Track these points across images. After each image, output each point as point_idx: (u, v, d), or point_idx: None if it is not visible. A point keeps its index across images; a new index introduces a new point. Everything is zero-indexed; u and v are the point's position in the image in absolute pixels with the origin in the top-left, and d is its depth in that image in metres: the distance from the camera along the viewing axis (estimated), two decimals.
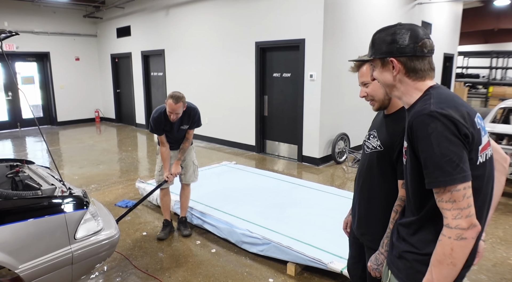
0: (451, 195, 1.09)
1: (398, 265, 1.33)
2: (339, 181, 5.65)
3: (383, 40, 1.28)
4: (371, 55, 1.35)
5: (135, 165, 6.62)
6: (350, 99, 6.85)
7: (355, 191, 1.83)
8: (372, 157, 1.68)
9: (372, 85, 1.64)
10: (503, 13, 13.40)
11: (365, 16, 6.85)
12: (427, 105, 1.16)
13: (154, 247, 3.52)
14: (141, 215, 4.28)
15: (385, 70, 1.30)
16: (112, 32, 10.79)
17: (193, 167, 3.78)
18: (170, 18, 8.74)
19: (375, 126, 1.76)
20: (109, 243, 2.38)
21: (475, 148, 1.14)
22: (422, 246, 1.25)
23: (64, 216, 2.16)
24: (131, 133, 9.80)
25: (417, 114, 1.16)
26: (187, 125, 3.58)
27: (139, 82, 10.20)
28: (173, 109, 3.34)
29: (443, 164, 1.09)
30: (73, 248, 2.19)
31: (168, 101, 3.34)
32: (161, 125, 3.53)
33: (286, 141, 6.95)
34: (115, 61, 11.13)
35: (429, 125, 1.11)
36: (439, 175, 1.10)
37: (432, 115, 1.12)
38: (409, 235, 1.30)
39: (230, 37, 7.38)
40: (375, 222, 1.68)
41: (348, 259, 2.06)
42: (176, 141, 3.69)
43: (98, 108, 11.85)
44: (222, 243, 3.56)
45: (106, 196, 4.94)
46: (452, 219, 1.10)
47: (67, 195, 2.32)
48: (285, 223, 3.56)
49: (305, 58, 6.19)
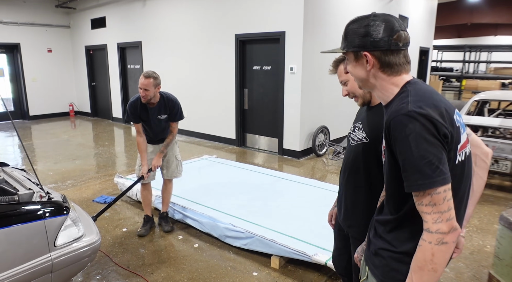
0: (431, 198, 1.05)
1: (374, 261, 1.31)
2: (320, 174, 5.69)
3: (356, 32, 1.20)
4: (343, 48, 1.26)
5: (113, 159, 6.46)
6: (330, 92, 6.89)
7: (341, 183, 1.83)
8: (358, 149, 1.68)
9: (350, 82, 1.67)
10: (476, 8, 13.78)
11: (344, 9, 6.87)
12: (404, 104, 1.09)
13: (135, 243, 3.44)
14: (120, 211, 4.18)
15: (359, 64, 1.22)
16: (86, 23, 10.44)
17: (176, 162, 3.67)
18: (147, 10, 8.52)
19: (360, 118, 1.76)
20: (90, 249, 2.30)
21: (454, 147, 1.10)
22: (398, 244, 1.22)
23: (44, 222, 2.06)
24: (107, 128, 9.56)
25: (394, 114, 1.10)
26: (165, 116, 3.45)
27: (116, 75, 9.93)
28: (142, 85, 3.19)
29: (422, 167, 1.04)
30: (53, 255, 2.10)
31: (140, 78, 3.25)
32: (137, 112, 3.39)
33: (267, 134, 6.94)
34: (89, 53, 10.80)
35: (407, 127, 1.05)
36: (418, 178, 1.05)
37: (410, 116, 1.05)
38: (385, 232, 1.27)
39: (209, 29, 7.27)
40: (362, 213, 1.69)
41: (333, 251, 2.07)
42: (155, 133, 3.55)
43: (73, 102, 11.49)
44: (204, 238, 3.52)
45: (83, 192, 4.80)
46: (433, 223, 1.05)
47: (46, 200, 2.21)
48: (268, 216, 3.55)
49: (285, 51, 6.17)
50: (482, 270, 3.02)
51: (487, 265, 3.08)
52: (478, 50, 15.91)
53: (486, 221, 3.94)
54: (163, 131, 3.56)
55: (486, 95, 5.50)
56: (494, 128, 5.24)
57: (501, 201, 4.52)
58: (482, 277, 2.92)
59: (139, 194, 4.23)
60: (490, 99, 5.73)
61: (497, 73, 14.65)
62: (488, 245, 3.43)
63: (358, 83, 1.30)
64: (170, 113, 3.48)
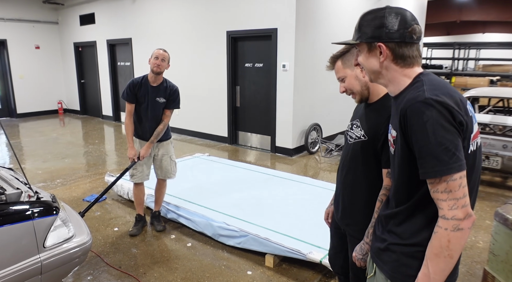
0: (447, 184, 1.05)
1: (383, 257, 1.30)
2: (313, 171, 5.68)
3: (371, 24, 1.20)
4: (357, 39, 1.25)
5: (103, 158, 6.37)
6: (322, 90, 6.89)
7: (338, 181, 1.81)
8: (356, 147, 1.65)
9: (348, 78, 1.64)
10: (465, 5, 13.90)
11: (335, 6, 6.86)
12: (420, 92, 1.10)
13: (126, 243, 3.39)
14: (111, 210, 4.12)
15: (372, 55, 1.23)
16: (75, 19, 10.27)
17: (170, 163, 3.55)
18: (137, 6, 8.40)
19: (358, 116, 1.73)
20: (81, 250, 2.24)
21: (468, 136, 1.11)
22: (409, 236, 1.21)
23: (32, 223, 2.00)
24: (97, 126, 9.43)
25: (411, 101, 1.10)
26: (163, 99, 3.37)
27: (105, 72, 9.79)
28: (159, 55, 3.26)
29: (439, 153, 1.04)
30: (42, 257, 2.04)
31: (154, 51, 3.30)
32: (135, 90, 3.33)
33: (259, 132, 6.90)
34: (78, 50, 10.63)
35: (424, 113, 1.06)
36: (435, 165, 1.05)
37: (427, 103, 1.06)
38: (395, 226, 1.26)
39: (201, 26, 7.20)
40: (360, 212, 1.67)
41: (330, 249, 2.05)
42: (148, 119, 3.38)
43: (61, 99, 11.31)
44: (198, 237, 3.48)
45: (73, 190, 4.72)
46: (448, 210, 1.06)
47: (35, 200, 2.15)
48: (262, 214, 3.52)
49: (277, 48, 6.14)
50: (475, 266, 3.04)
51: (480, 260, 3.10)
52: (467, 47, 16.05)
53: (478, 217, 3.97)
54: (156, 120, 3.41)
55: (476, 92, 5.55)
56: (485, 124, 5.28)
57: (492, 197, 4.56)
58: (475, 272, 2.94)
59: (130, 192, 4.17)
60: (480, 96, 5.78)
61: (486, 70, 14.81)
62: (480, 241, 3.46)
63: (369, 76, 1.29)
64: (169, 99, 3.40)
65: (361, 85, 1.63)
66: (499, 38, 16.41)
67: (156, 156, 3.54)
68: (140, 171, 3.50)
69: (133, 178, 3.53)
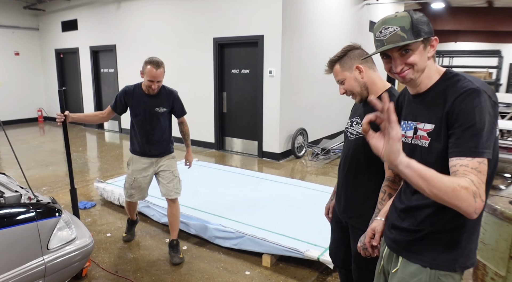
0: (479, 165, 1.11)
1: (417, 248, 1.33)
2: (300, 175, 5.77)
3: (422, 21, 1.26)
4: (415, 37, 1.24)
5: (88, 165, 6.28)
6: (308, 95, 7.04)
7: (340, 177, 1.89)
8: (358, 142, 1.75)
9: (347, 81, 1.73)
10: (438, 15, 14.45)
11: (319, 15, 7.06)
12: (469, 82, 1.19)
13: (121, 248, 3.37)
14: (102, 216, 4.08)
15: (425, 51, 1.28)
16: (57, 25, 10.12)
17: (173, 179, 3.13)
18: (122, 12, 8.38)
19: (358, 113, 1.83)
20: (82, 253, 2.25)
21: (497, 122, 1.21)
22: (446, 222, 1.26)
23: (36, 224, 2.00)
24: (80, 133, 9.28)
25: (462, 89, 1.18)
26: (164, 109, 2.99)
27: (88, 79, 9.67)
28: (154, 77, 2.77)
29: (481, 136, 1.12)
30: (46, 259, 2.03)
31: (147, 68, 2.74)
32: (127, 100, 2.95)
33: (246, 137, 6.97)
34: (60, 56, 10.46)
35: (475, 99, 1.14)
36: (474, 145, 1.11)
37: (479, 91, 1.15)
38: (431, 215, 1.29)
39: (187, 32, 7.25)
40: (363, 204, 1.75)
41: (330, 244, 2.12)
42: (147, 131, 2.97)
43: (41, 107, 11.07)
44: (192, 240, 3.49)
45: (61, 198, 4.64)
46: (475, 184, 1.07)
47: (36, 202, 2.15)
48: (257, 216, 3.58)
49: (264, 55, 6.25)
50: None
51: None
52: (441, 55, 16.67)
53: None
54: (157, 131, 3.01)
55: None
56: None
57: None
58: None
59: (121, 198, 4.15)
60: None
61: None
62: None
63: (417, 74, 1.28)
64: (175, 106, 3.08)
65: (360, 86, 1.73)
66: (470, 47, 17.11)
67: (157, 173, 3.16)
68: (138, 191, 3.18)
69: (131, 198, 3.21)
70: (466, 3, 11.22)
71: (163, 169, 3.13)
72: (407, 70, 1.28)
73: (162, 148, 3.11)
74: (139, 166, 3.11)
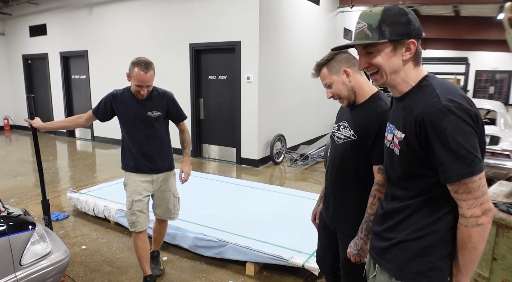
0: (467, 187, 1.09)
1: (387, 257, 1.31)
2: (279, 181, 5.75)
3: (397, 20, 1.16)
4: (380, 37, 1.16)
5: (59, 175, 6.03)
6: (285, 101, 7.05)
7: (328, 182, 1.86)
8: (346, 147, 1.72)
9: (335, 84, 1.71)
10: None
11: (296, 21, 7.12)
12: (435, 98, 1.11)
13: (97, 261, 3.22)
14: (75, 228, 3.90)
15: (395, 54, 1.18)
16: (24, 30, 9.74)
17: (172, 200, 2.80)
18: (94, 17, 8.16)
19: (344, 117, 1.81)
20: (58, 267, 2.11)
21: (482, 130, 1.14)
22: (416, 230, 1.22)
23: (8, 238, 1.86)
24: (49, 142, 8.92)
25: (429, 109, 1.11)
26: (158, 113, 2.59)
27: (58, 86, 9.34)
28: (142, 81, 2.41)
29: (461, 158, 1.07)
30: (18, 275, 1.89)
31: (134, 70, 2.38)
32: (118, 103, 2.55)
33: (224, 144, 6.89)
34: (28, 62, 10.06)
35: (443, 121, 1.07)
36: (458, 169, 1.08)
37: (445, 110, 1.08)
38: (401, 222, 1.27)
39: (163, 38, 7.13)
40: (352, 208, 1.73)
41: (318, 250, 2.09)
42: (141, 142, 2.57)
43: (8, 115, 10.58)
44: (173, 250, 3.38)
45: (31, 209, 4.41)
46: (467, 209, 1.11)
47: (7, 215, 2.00)
48: (239, 223, 3.50)
49: (241, 60, 6.22)
50: None
51: None
52: None
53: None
54: (153, 140, 2.61)
55: None
56: None
57: None
58: None
59: (96, 209, 3.99)
60: None
61: None
62: None
63: (386, 77, 1.23)
64: (170, 109, 2.68)
65: (348, 90, 1.71)
66: (439, 54, 17.75)
67: (155, 192, 2.74)
68: (141, 215, 2.63)
69: (134, 226, 2.64)
70: (435, 12, 11.64)
71: (163, 189, 2.73)
72: (377, 75, 1.24)
73: (160, 162, 2.67)
74: (136, 185, 2.62)
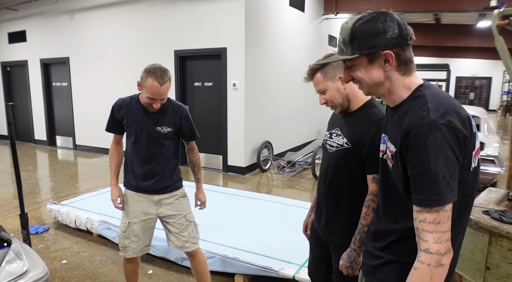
0: (437, 215, 0.99)
1: (377, 276, 1.25)
2: (266, 189, 5.69)
3: (369, 32, 1.08)
4: (353, 52, 1.11)
5: (39, 185, 5.82)
6: (272, 108, 7.02)
7: (320, 192, 1.80)
8: (339, 155, 1.67)
9: (329, 91, 1.64)
10: None
11: (281, 27, 7.12)
12: (425, 112, 1.02)
13: (79, 276, 3.08)
14: (56, 241, 3.74)
15: (374, 67, 1.11)
16: (3, 37, 9.48)
17: (187, 226, 2.43)
18: (75, 23, 8.00)
19: (337, 125, 1.76)
20: None
21: (470, 153, 1.05)
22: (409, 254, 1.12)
23: None
24: (29, 151, 8.66)
25: (415, 123, 1.02)
26: (169, 129, 2.28)
27: (38, 93, 9.10)
28: (157, 94, 2.09)
29: (438, 182, 0.98)
30: None
31: (148, 81, 2.07)
32: (123, 113, 2.27)
33: (210, 152, 6.80)
34: (6, 70, 9.78)
35: (428, 137, 0.99)
36: (432, 194, 0.99)
37: (433, 126, 0.99)
38: (393, 243, 1.20)
39: (147, 45, 7.02)
40: (345, 219, 1.67)
41: (309, 262, 2.02)
42: (146, 160, 2.27)
43: None
44: (158, 263, 3.27)
45: (9, 223, 4.22)
46: (433, 243, 0.99)
47: None
48: (226, 234, 3.42)
49: (227, 67, 6.16)
50: None
51: None
52: None
53: None
54: (155, 160, 2.29)
55: None
56: None
57: None
58: None
59: (78, 221, 3.84)
60: None
61: None
62: None
63: (369, 89, 1.17)
64: (183, 126, 2.36)
65: (342, 98, 1.65)
66: (420, 61, 18.11)
67: (162, 218, 2.40)
68: (135, 241, 2.35)
69: (125, 251, 2.36)
70: (416, 20, 11.86)
71: (171, 213, 2.38)
72: (361, 86, 1.19)
73: (165, 181, 2.35)
74: (136, 205, 2.34)
